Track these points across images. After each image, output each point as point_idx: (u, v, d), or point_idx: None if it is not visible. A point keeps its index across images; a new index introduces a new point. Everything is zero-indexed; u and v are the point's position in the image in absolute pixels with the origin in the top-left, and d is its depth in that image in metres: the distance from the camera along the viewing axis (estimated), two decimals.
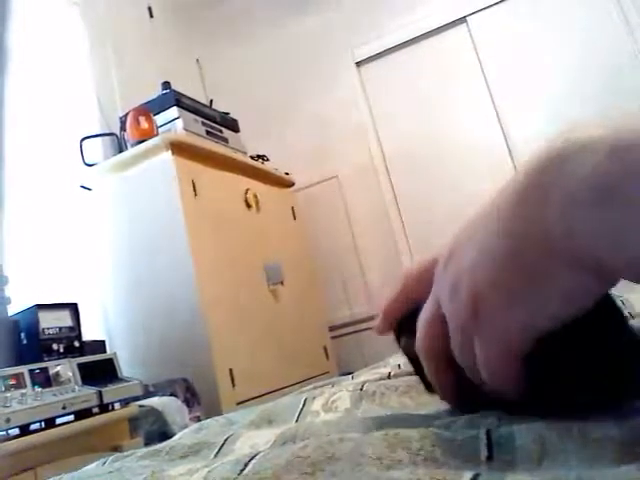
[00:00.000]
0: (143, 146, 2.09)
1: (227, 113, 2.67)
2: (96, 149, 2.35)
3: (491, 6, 2.93)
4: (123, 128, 2.29)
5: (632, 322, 0.56)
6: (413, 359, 0.34)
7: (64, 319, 1.52)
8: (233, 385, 1.93)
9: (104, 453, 1.19)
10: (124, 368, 1.59)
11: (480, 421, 0.28)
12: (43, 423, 1.26)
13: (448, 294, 0.29)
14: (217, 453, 0.36)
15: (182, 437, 0.48)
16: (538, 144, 0.26)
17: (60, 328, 1.50)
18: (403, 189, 3.06)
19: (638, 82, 2.60)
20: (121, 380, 1.49)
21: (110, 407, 1.42)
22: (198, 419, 1.65)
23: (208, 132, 2.40)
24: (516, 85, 2.86)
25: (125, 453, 0.43)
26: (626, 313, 0.60)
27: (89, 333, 1.78)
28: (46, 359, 1.40)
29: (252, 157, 2.68)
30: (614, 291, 0.27)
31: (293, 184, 2.87)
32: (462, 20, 2.98)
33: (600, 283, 0.24)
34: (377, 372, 0.57)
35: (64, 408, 1.27)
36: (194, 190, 2.07)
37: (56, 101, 2.27)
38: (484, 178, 2.88)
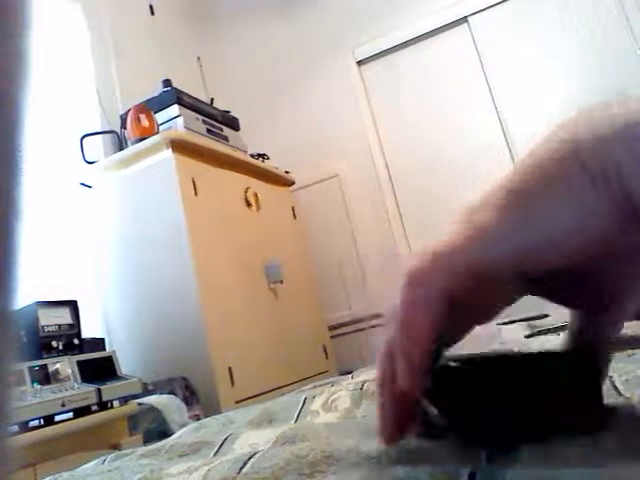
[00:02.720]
0: (143, 144, 2.08)
1: (228, 111, 2.67)
2: (96, 146, 2.35)
3: (492, 6, 2.92)
4: (124, 126, 2.29)
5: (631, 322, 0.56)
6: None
7: (64, 316, 1.52)
8: (232, 384, 1.93)
9: (103, 451, 1.19)
10: (123, 366, 1.59)
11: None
12: (42, 420, 1.26)
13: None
14: (216, 452, 0.36)
15: (182, 436, 0.48)
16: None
17: (59, 325, 1.49)
18: (403, 188, 3.06)
19: (638, 80, 2.59)
20: (120, 378, 1.49)
21: (109, 405, 1.43)
22: (197, 418, 1.65)
23: (209, 130, 2.40)
24: (517, 85, 2.85)
25: (125, 452, 0.43)
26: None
27: (88, 331, 1.77)
28: (45, 356, 1.40)
29: (252, 155, 2.68)
30: None
31: (293, 183, 2.87)
32: (463, 20, 2.98)
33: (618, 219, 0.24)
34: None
35: (63, 405, 1.27)
36: (194, 188, 2.07)
37: (57, 98, 2.27)
38: (485, 177, 2.88)
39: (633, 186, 0.23)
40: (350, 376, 0.62)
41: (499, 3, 2.91)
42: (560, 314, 0.75)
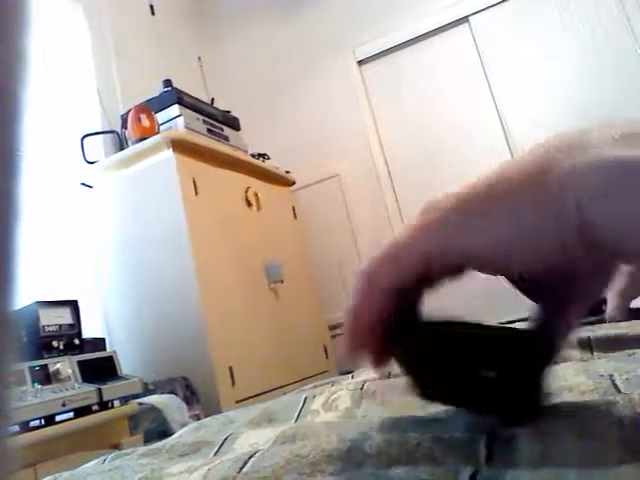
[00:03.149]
0: (144, 144, 2.09)
1: (228, 111, 2.67)
2: (97, 147, 2.35)
3: (493, 6, 2.92)
4: (124, 126, 2.29)
5: (632, 322, 0.56)
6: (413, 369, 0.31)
7: (64, 316, 1.52)
8: (233, 383, 1.93)
9: (104, 450, 1.19)
10: (124, 366, 1.59)
11: (480, 425, 0.28)
12: (43, 420, 1.26)
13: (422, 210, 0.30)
14: (217, 451, 0.36)
15: (182, 435, 0.48)
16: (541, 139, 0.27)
17: (60, 325, 1.50)
18: (404, 188, 3.06)
19: (639, 80, 2.59)
20: (121, 378, 1.49)
21: (110, 405, 1.43)
22: (198, 417, 1.65)
23: (209, 130, 2.40)
24: (518, 85, 2.85)
25: (125, 451, 0.43)
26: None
27: (89, 331, 1.78)
28: (46, 356, 1.40)
29: (253, 155, 2.68)
30: None
31: (294, 183, 2.87)
32: (464, 20, 2.98)
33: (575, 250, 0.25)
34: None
35: (64, 405, 1.27)
36: (195, 188, 2.07)
37: (57, 98, 2.27)
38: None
39: (589, 219, 0.24)
40: (350, 376, 0.62)
41: (500, 3, 2.91)
42: None
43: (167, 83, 2.38)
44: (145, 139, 2.09)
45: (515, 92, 2.85)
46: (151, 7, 2.85)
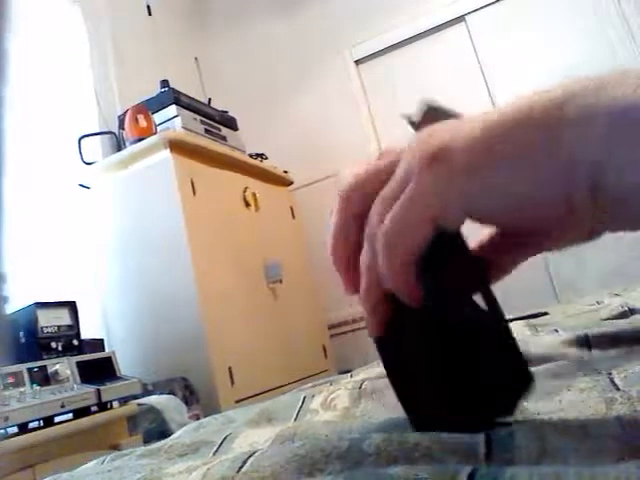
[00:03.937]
0: (142, 144, 2.08)
1: (226, 111, 2.67)
2: (95, 147, 2.34)
3: (489, 5, 2.92)
4: (122, 126, 2.29)
5: (630, 319, 0.56)
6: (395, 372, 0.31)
7: (63, 317, 1.52)
8: (232, 383, 1.93)
9: (103, 451, 1.19)
10: (123, 366, 1.59)
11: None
12: (42, 421, 1.26)
13: (416, 144, 0.28)
14: (216, 451, 0.36)
15: (181, 435, 0.48)
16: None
17: (59, 327, 1.49)
18: None
19: None
20: (120, 378, 1.49)
21: (109, 405, 1.42)
22: (197, 417, 1.65)
23: (207, 130, 2.39)
24: (515, 84, 2.85)
25: (124, 451, 0.43)
26: (626, 308, 0.61)
27: (87, 332, 1.77)
28: (45, 357, 1.40)
29: (251, 155, 2.68)
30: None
31: (292, 182, 2.87)
32: (461, 19, 2.98)
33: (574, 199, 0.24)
34: (376, 370, 0.57)
35: (63, 406, 1.27)
36: (193, 188, 2.07)
37: (55, 99, 2.26)
38: None
39: (604, 184, 0.23)
40: (349, 375, 0.62)
41: (496, 2, 2.91)
42: (559, 313, 0.75)
43: (164, 83, 2.38)
44: (142, 139, 2.09)
45: (513, 91, 2.85)
46: (148, 7, 2.84)
